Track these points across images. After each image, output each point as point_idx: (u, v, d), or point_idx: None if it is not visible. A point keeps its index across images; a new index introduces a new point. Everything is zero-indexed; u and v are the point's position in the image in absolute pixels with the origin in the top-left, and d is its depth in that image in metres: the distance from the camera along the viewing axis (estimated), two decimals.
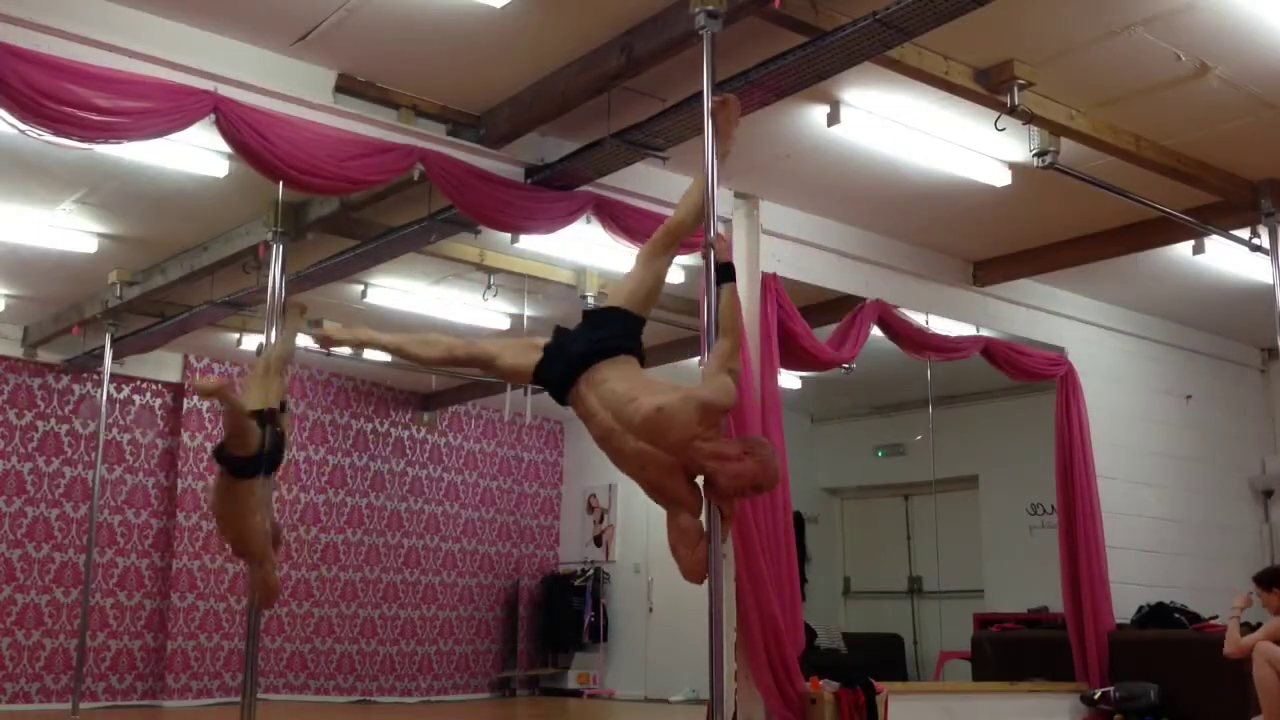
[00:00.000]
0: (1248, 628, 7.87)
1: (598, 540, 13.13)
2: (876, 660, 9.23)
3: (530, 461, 13.37)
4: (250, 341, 9.83)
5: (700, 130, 4.36)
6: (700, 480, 3.91)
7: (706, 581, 3.97)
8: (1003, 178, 6.78)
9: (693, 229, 4.26)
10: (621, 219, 6.49)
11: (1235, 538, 9.86)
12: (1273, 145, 6.47)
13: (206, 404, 11.00)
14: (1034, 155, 6.19)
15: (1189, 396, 9.91)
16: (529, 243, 7.56)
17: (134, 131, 5.12)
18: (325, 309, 9.24)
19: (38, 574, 10.16)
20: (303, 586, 11.33)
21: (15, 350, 10.22)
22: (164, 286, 8.27)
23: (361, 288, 8.85)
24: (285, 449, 5.92)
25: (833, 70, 5.17)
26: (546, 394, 4.18)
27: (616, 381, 3.89)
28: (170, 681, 10.47)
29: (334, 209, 6.76)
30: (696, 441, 3.77)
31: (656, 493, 3.92)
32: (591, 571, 12.83)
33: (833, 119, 6.03)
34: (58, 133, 4.89)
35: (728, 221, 6.99)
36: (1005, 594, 10.12)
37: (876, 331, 7.80)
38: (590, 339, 4.03)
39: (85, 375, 10.54)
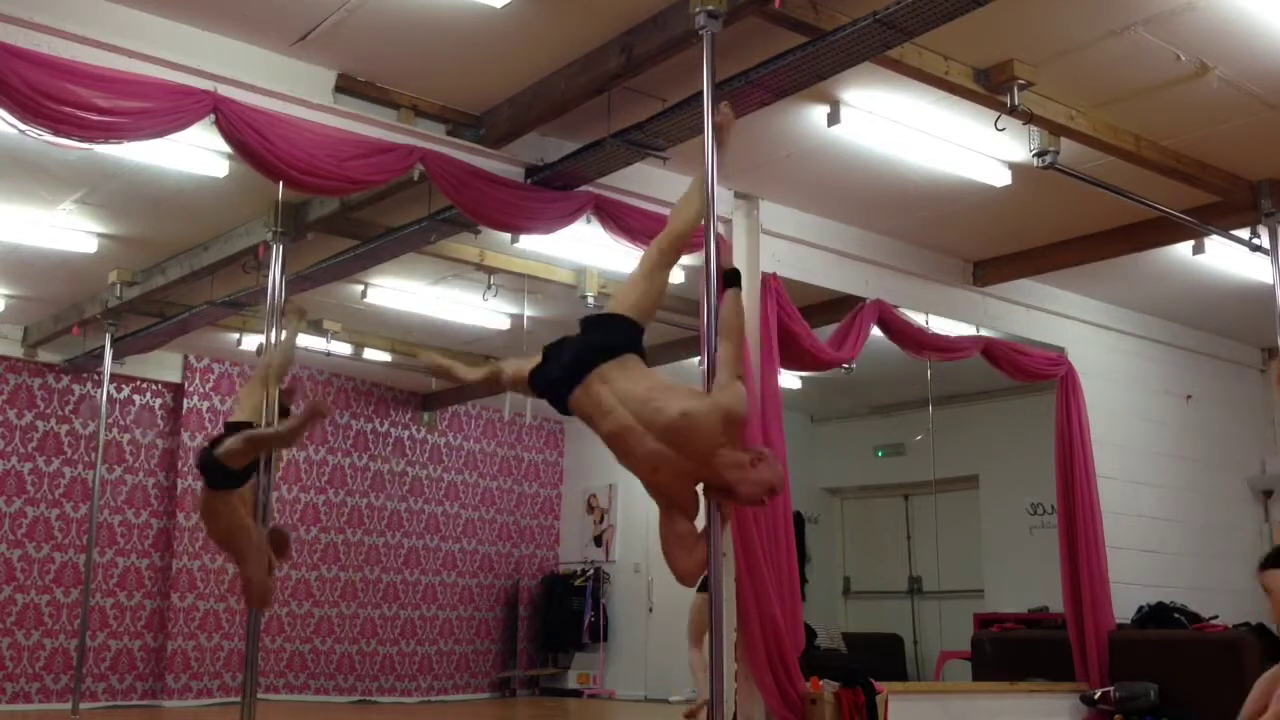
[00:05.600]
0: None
1: (598, 540, 13.13)
2: (876, 660, 9.22)
3: (530, 461, 13.37)
4: (250, 341, 9.84)
5: (700, 130, 4.36)
6: (700, 486, 3.91)
7: (706, 582, 3.99)
8: (1003, 178, 6.78)
9: (693, 232, 4.26)
10: (621, 219, 6.49)
11: (1235, 538, 9.86)
12: (1273, 145, 6.47)
13: (206, 404, 11.02)
14: (1034, 155, 6.19)
15: (1189, 396, 9.91)
16: (529, 243, 7.56)
17: (134, 131, 5.11)
18: (325, 309, 9.26)
19: (38, 574, 10.16)
20: (303, 586, 11.33)
21: (15, 350, 10.22)
22: (164, 286, 8.27)
23: (361, 288, 8.85)
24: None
25: (833, 70, 5.17)
26: None
27: (631, 381, 3.82)
28: (170, 681, 10.47)
29: (334, 209, 6.76)
30: (720, 450, 3.76)
31: (658, 493, 3.91)
32: (591, 571, 12.83)
33: (833, 119, 6.02)
34: (58, 133, 4.88)
35: (728, 221, 6.99)
36: (1005, 594, 10.12)
37: (876, 331, 7.80)
38: (593, 339, 3.98)
39: (85, 375, 10.54)
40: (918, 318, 8.10)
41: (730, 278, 4.09)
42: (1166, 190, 6.83)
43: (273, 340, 6.27)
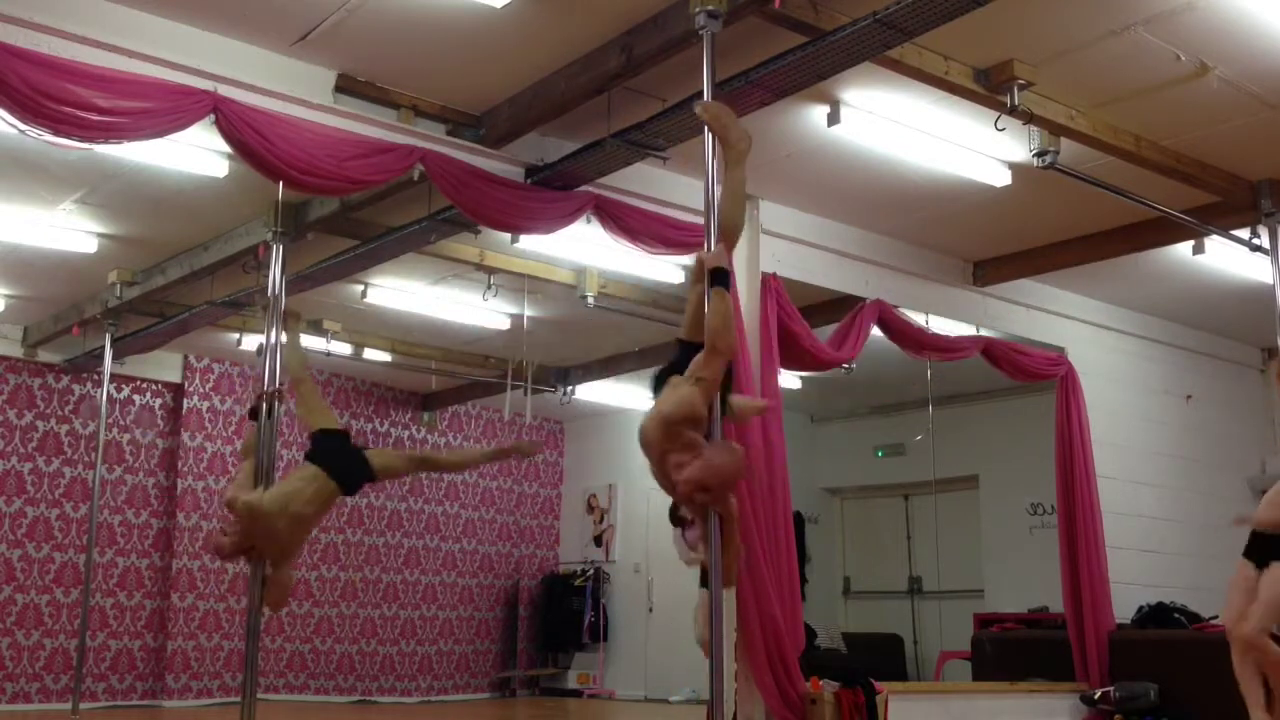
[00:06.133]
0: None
1: (598, 540, 13.13)
2: (876, 660, 9.21)
3: (530, 461, 13.36)
4: (250, 341, 9.84)
5: (700, 130, 4.36)
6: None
7: (706, 582, 4.00)
8: (1003, 178, 6.78)
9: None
10: (621, 219, 6.49)
11: (1235, 538, 9.82)
12: (1273, 145, 6.47)
13: (206, 404, 11.02)
14: (1034, 155, 6.20)
15: (1189, 396, 9.91)
16: (529, 243, 7.56)
17: (134, 131, 5.12)
18: (325, 309, 9.26)
19: (38, 574, 10.16)
20: (303, 586, 11.32)
21: (15, 350, 10.23)
22: (164, 286, 8.27)
23: (361, 288, 8.85)
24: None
25: (833, 70, 5.18)
26: (546, 394, 4.23)
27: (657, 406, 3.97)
28: (170, 681, 10.47)
29: (334, 209, 6.76)
30: (669, 453, 3.78)
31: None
32: (591, 571, 12.83)
33: (833, 119, 6.03)
34: (58, 133, 4.89)
35: None
36: (1005, 594, 10.12)
37: (876, 331, 7.81)
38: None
39: (85, 375, 10.54)
40: (918, 318, 8.10)
41: (715, 276, 3.97)
42: (1166, 190, 6.83)
43: (273, 342, 6.26)
